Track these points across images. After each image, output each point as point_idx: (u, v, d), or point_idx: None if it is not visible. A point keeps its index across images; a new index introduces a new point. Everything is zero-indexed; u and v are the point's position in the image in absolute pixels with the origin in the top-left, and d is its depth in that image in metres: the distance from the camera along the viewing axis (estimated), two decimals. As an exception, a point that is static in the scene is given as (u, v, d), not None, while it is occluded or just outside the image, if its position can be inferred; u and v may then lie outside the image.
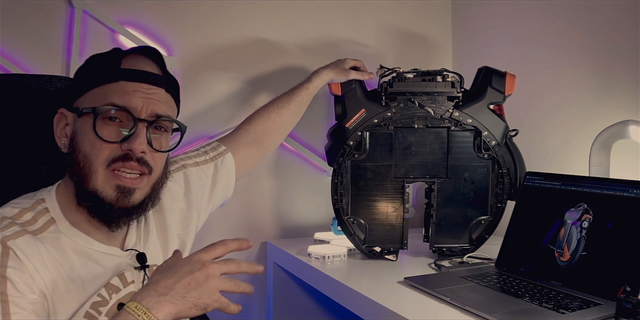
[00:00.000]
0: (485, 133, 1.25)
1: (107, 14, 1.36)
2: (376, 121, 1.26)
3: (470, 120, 1.25)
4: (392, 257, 1.29)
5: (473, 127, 1.26)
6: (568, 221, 1.07)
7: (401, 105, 1.27)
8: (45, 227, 0.79)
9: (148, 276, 0.86)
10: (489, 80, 1.27)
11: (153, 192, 0.86)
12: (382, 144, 1.27)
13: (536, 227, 1.13)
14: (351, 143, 1.26)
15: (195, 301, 0.70)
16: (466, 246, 1.29)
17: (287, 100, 1.25)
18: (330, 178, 1.28)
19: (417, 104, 1.27)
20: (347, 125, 1.27)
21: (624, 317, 0.82)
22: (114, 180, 0.80)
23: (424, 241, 1.32)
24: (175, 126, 0.89)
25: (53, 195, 0.83)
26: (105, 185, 0.80)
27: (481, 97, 1.26)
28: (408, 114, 1.27)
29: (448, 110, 1.26)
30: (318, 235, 1.49)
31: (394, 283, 1.11)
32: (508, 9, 1.59)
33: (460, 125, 1.26)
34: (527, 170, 1.25)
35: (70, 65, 1.32)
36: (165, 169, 0.88)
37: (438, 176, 1.28)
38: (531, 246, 1.12)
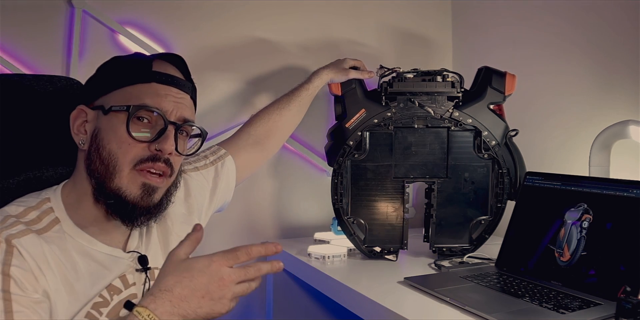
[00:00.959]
0: (485, 133, 1.25)
1: (107, 14, 1.35)
2: (376, 121, 1.26)
3: (470, 120, 1.25)
4: (392, 257, 1.29)
5: (473, 127, 1.26)
6: (568, 221, 1.07)
7: (401, 105, 1.27)
8: (49, 227, 0.79)
9: (149, 278, 0.87)
10: (489, 80, 1.27)
11: (167, 194, 0.87)
12: (382, 144, 1.27)
13: (536, 227, 1.13)
14: (351, 143, 1.26)
15: (206, 315, 0.70)
16: (466, 246, 1.29)
17: (288, 101, 1.25)
18: (330, 178, 1.29)
19: (417, 104, 1.27)
20: (347, 125, 1.27)
21: (624, 317, 0.82)
22: (141, 178, 0.81)
23: (424, 241, 1.32)
24: (194, 132, 0.91)
25: (58, 194, 0.83)
26: (130, 183, 0.80)
27: (481, 97, 1.26)
28: (408, 114, 1.27)
29: (448, 110, 1.26)
30: (318, 235, 1.49)
31: (394, 283, 1.11)
32: (508, 9, 1.59)
33: (460, 125, 1.26)
34: (527, 170, 1.25)
35: (70, 65, 1.31)
36: (179, 173, 0.90)
37: (438, 176, 1.28)
38: (531, 246, 1.12)
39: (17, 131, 0.91)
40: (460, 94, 1.27)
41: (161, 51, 1.39)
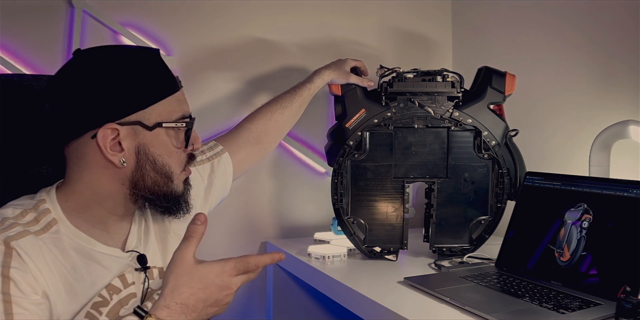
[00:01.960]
0: (485, 133, 1.25)
1: (107, 14, 1.35)
2: (376, 121, 1.26)
3: (470, 120, 1.25)
4: (392, 257, 1.29)
5: (473, 127, 1.26)
6: (568, 221, 1.07)
7: (401, 105, 1.27)
8: (47, 228, 0.79)
9: (148, 277, 0.87)
10: (489, 80, 1.27)
11: None
12: (382, 144, 1.27)
13: (536, 227, 1.13)
14: (351, 143, 1.26)
15: (207, 316, 0.76)
16: (466, 246, 1.29)
17: (290, 100, 1.25)
18: (330, 178, 1.29)
19: (417, 104, 1.27)
20: (347, 125, 1.27)
21: (624, 317, 0.82)
22: (184, 176, 0.90)
23: (424, 241, 1.32)
24: None
25: (53, 196, 0.83)
26: (179, 183, 0.88)
27: (481, 97, 1.26)
28: (408, 114, 1.27)
29: (448, 110, 1.26)
30: (318, 235, 1.49)
31: (394, 283, 1.11)
32: (508, 9, 1.59)
33: (460, 125, 1.26)
34: (527, 170, 1.25)
35: (70, 65, 1.31)
36: None
37: (438, 176, 1.28)
38: (531, 246, 1.12)
39: (17, 131, 0.91)
40: (460, 94, 1.27)
41: (161, 51, 1.38)
